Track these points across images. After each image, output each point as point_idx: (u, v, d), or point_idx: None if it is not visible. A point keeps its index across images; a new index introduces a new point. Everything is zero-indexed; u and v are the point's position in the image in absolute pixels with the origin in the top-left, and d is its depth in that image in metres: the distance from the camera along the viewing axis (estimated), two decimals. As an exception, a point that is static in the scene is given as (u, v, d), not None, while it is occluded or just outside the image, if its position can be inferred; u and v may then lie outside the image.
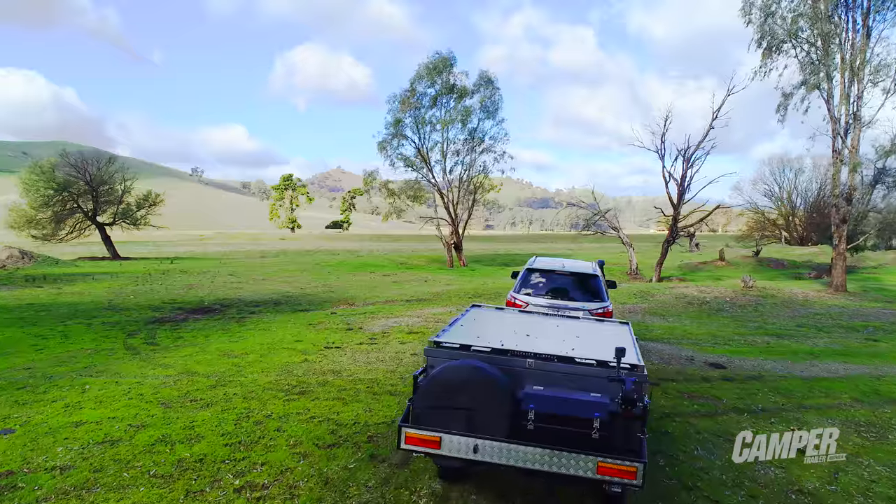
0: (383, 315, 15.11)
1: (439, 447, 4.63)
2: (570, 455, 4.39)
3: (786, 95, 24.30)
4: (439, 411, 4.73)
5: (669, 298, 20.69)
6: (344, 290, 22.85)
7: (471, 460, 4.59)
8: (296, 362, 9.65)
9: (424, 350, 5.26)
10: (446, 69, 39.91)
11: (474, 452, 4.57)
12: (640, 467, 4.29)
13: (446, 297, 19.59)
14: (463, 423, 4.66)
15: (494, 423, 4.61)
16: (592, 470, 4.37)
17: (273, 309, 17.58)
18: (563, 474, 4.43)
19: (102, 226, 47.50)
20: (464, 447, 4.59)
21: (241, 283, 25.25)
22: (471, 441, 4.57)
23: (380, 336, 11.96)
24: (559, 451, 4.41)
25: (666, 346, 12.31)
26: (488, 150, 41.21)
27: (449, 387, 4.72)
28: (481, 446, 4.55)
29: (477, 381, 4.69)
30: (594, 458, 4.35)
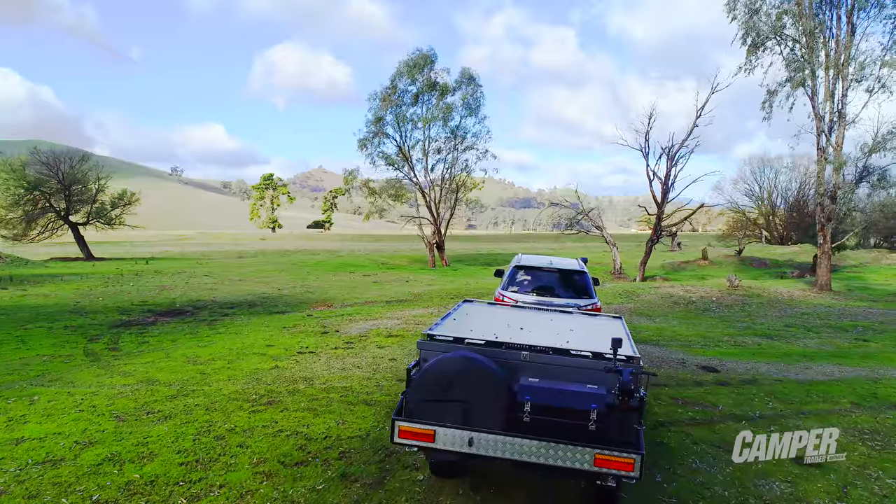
0: (362, 317, 14.51)
1: (433, 441, 4.54)
2: (567, 447, 4.34)
3: (770, 93, 24.07)
4: (433, 404, 4.62)
5: (655, 298, 20.32)
6: (322, 291, 22.20)
7: (466, 454, 4.51)
8: (266, 369, 9.04)
9: (417, 343, 5.16)
10: (427, 66, 39.36)
11: (469, 446, 4.48)
12: (637, 459, 4.25)
13: (427, 297, 19.04)
14: (458, 416, 4.56)
15: (490, 415, 4.52)
16: (589, 462, 4.32)
17: (247, 311, 16.91)
18: (560, 467, 4.36)
19: (76, 225, 46.27)
20: (458, 440, 4.50)
21: (217, 283, 24.49)
22: (465, 434, 4.48)
23: (357, 340, 11.37)
24: (556, 444, 4.35)
25: (655, 348, 11.87)
26: (471, 148, 40.74)
27: (443, 379, 4.62)
28: (476, 439, 4.47)
29: (471, 373, 4.61)
30: (591, 449, 4.30)
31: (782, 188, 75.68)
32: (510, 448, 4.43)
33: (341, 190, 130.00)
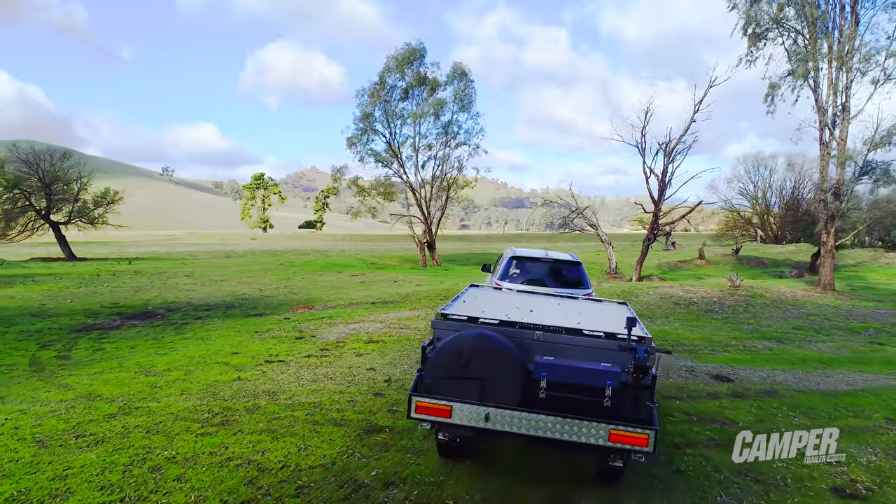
0: (343, 320, 13.48)
1: (450, 416, 4.60)
2: (583, 423, 4.41)
3: (773, 86, 23.18)
4: (450, 380, 4.71)
5: (654, 299, 19.38)
6: (306, 292, 21.16)
7: (482, 429, 4.57)
8: (226, 381, 8.00)
9: (432, 322, 5.22)
10: (417, 61, 38.34)
11: (486, 421, 4.55)
12: (651, 434, 4.33)
13: (415, 298, 18.02)
14: (474, 392, 4.65)
15: (505, 391, 4.60)
16: (604, 437, 4.39)
17: (223, 313, 15.87)
18: (575, 442, 4.43)
19: (57, 225, 44.98)
20: (475, 416, 4.56)
21: (197, 284, 23.39)
22: (482, 410, 4.55)
23: (333, 346, 10.33)
24: (571, 419, 4.42)
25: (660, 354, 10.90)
26: (463, 145, 39.72)
27: (459, 356, 4.70)
28: (493, 415, 4.54)
29: (488, 350, 4.68)
30: (606, 425, 4.38)
31: (777, 187, 75.24)
32: (526, 423, 4.49)
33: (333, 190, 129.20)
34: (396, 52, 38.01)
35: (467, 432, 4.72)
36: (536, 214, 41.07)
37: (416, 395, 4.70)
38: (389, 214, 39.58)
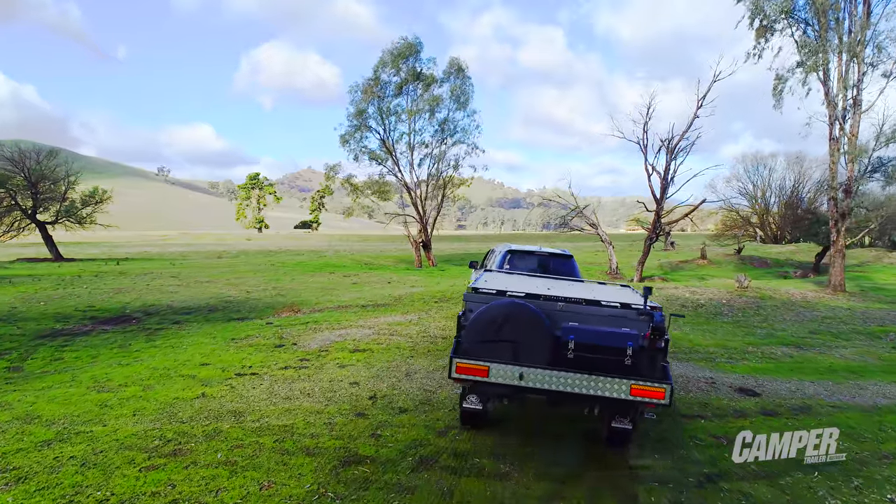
0: (329, 325, 12.51)
1: (487, 375, 5.10)
2: (607, 379, 4.94)
3: (780, 78, 22.27)
4: (486, 344, 5.20)
5: (660, 300, 18.44)
6: (295, 294, 20.18)
7: (516, 386, 5.10)
8: (188, 398, 7.02)
9: (464, 296, 5.68)
10: (412, 56, 37.30)
11: (520, 379, 5.07)
12: (668, 388, 4.90)
13: (409, 301, 17.06)
14: (508, 354, 5.17)
15: (537, 352, 5.14)
16: (626, 392, 4.92)
17: (203, 317, 14.89)
18: (601, 396, 4.98)
19: (43, 224, 43.87)
20: (510, 375, 5.08)
21: (181, 286, 22.39)
22: (517, 369, 5.08)
23: (314, 356, 9.35)
24: (597, 376, 4.97)
25: (676, 363, 9.96)
26: (459, 143, 38.69)
27: (494, 322, 5.21)
28: (526, 373, 5.07)
29: (520, 316, 5.20)
30: (628, 381, 4.92)
31: (776, 186, 74.49)
32: (556, 381, 5.03)
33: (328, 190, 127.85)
34: (392, 47, 37.00)
35: (502, 390, 5.23)
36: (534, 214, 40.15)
37: (457, 357, 5.17)
38: (384, 214, 38.54)
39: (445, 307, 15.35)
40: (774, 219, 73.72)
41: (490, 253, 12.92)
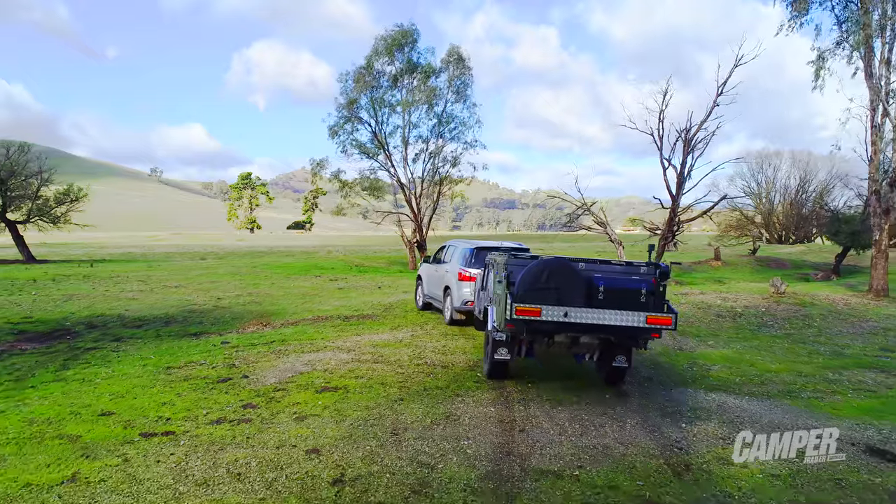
0: (298, 346, 9.96)
1: (540, 315, 6.62)
2: (629, 313, 6.70)
3: (820, 58, 19.86)
4: (535, 291, 6.75)
5: (690, 309, 16.00)
6: (272, 301, 17.66)
7: (563, 322, 6.64)
8: (45, 485, 4.45)
9: (505, 261, 7.24)
10: (408, 45, 34.76)
11: (565, 317, 6.62)
12: (673, 317, 6.86)
13: (401, 311, 14.54)
14: (553, 299, 6.72)
15: (576, 296, 6.76)
16: (643, 321, 6.70)
17: (153, 332, 12.38)
18: (624, 326, 6.68)
19: (14, 224, 41.14)
20: (558, 314, 6.63)
21: (145, 291, 19.84)
22: (562, 309, 6.65)
23: (266, 398, 6.77)
24: (622, 311, 6.70)
25: (747, 401, 7.51)
26: (457, 138, 36.06)
27: (541, 274, 6.81)
28: (570, 312, 6.63)
29: (562, 269, 6.85)
30: (644, 313, 6.74)
31: (781, 185, 72.34)
32: (592, 316, 6.64)
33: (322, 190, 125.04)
34: (385, 34, 34.43)
35: (551, 327, 6.74)
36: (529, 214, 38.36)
37: (516, 303, 6.62)
38: (375, 212, 35.94)
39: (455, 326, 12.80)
40: (779, 218, 71.57)
41: (445, 248, 14.04)
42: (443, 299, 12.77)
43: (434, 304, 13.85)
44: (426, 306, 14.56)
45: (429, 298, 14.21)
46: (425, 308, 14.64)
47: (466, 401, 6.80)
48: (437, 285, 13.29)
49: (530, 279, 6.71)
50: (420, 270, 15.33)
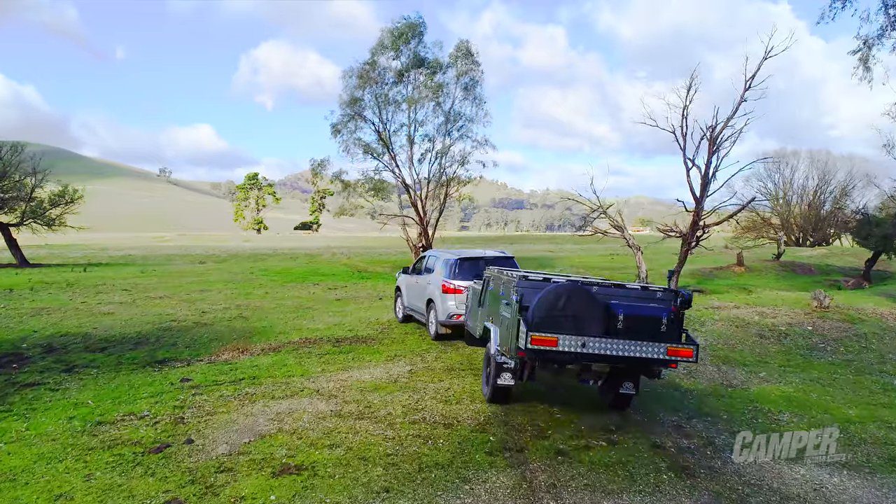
0: (270, 386, 8.20)
1: (557, 345, 6.14)
2: (649, 344, 6.25)
3: (866, 44, 17.96)
4: (552, 319, 6.34)
5: (726, 327, 14.19)
6: (260, 315, 15.99)
7: (580, 353, 6.18)
8: None
9: (517, 283, 6.70)
10: (415, 37, 32.98)
11: (582, 347, 6.16)
12: (695, 349, 6.40)
13: (399, 332, 12.80)
14: (570, 326, 6.30)
15: (595, 324, 6.33)
16: (664, 353, 6.27)
17: (115, 358, 10.77)
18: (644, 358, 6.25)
19: (7, 227, 39.74)
20: (575, 344, 6.16)
21: (125, 303, 18.21)
22: (580, 339, 6.17)
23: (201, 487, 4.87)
24: (642, 342, 6.25)
25: (848, 479, 5.70)
26: (465, 137, 34.20)
27: (558, 301, 6.38)
28: (588, 342, 6.18)
29: (579, 295, 6.42)
30: (665, 344, 6.29)
31: (798, 186, 70.12)
32: (611, 347, 6.19)
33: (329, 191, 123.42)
34: (391, 26, 32.67)
35: (568, 357, 6.24)
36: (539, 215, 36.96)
37: (532, 332, 6.14)
38: (378, 214, 34.16)
39: (452, 349, 11.05)
40: (797, 220, 69.36)
41: (426, 258, 13.46)
42: (426, 312, 12.27)
43: (415, 316, 13.23)
44: (406, 318, 13.81)
45: (409, 311, 13.57)
46: (406, 321, 13.82)
47: (476, 490, 4.94)
48: (419, 297, 12.75)
49: (546, 305, 6.34)
50: (398, 282, 14.59)
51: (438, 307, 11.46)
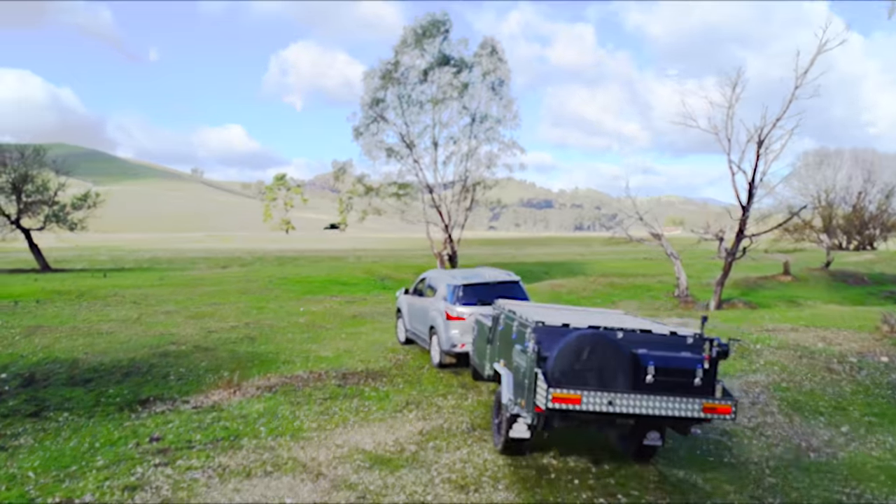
0: (250, 451, 6.78)
1: (580, 403, 5.47)
2: (683, 400, 5.54)
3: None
4: (573, 372, 5.72)
5: (788, 358, 12.46)
6: (268, 336, 14.74)
7: (606, 413, 5.50)
8: None
9: (534, 328, 5.98)
10: (440, 35, 31.57)
11: (609, 405, 5.47)
12: (733, 404, 5.66)
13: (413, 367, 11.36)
14: (594, 381, 5.68)
15: (621, 379, 5.69)
16: (699, 410, 5.56)
17: (94, 397, 9.59)
18: (677, 416, 5.56)
19: (28, 231, 39.44)
20: (601, 402, 5.47)
21: (128, 322, 17.13)
22: (606, 396, 5.49)
23: None
24: (675, 398, 5.53)
25: None
26: (492, 139, 32.65)
27: (581, 352, 5.75)
28: (615, 399, 5.48)
29: (604, 345, 5.78)
30: (701, 399, 5.59)
31: (841, 187, 66.99)
32: (640, 405, 5.48)
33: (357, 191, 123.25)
34: (415, 24, 31.29)
35: (592, 417, 5.70)
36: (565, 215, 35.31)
37: (553, 388, 5.47)
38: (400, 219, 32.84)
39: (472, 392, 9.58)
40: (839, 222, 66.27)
41: (425, 280, 12.86)
42: (428, 338, 11.77)
43: (417, 341, 12.72)
44: (409, 341, 13.19)
45: (411, 335, 13.05)
46: (408, 343, 13.18)
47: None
48: (421, 321, 12.29)
49: (568, 357, 5.76)
50: (399, 303, 14.04)
51: (441, 336, 10.93)
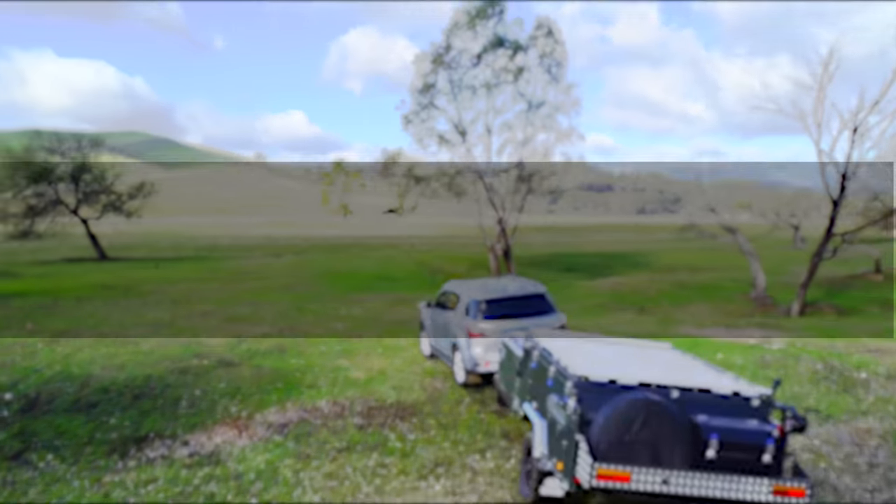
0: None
1: (629, 481, 4.65)
2: (749, 480, 4.62)
3: None
4: (622, 445, 4.82)
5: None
6: (301, 349, 13.56)
7: (659, 494, 4.65)
8: None
9: (575, 383, 5.22)
10: (495, 16, 29.65)
11: (663, 484, 4.64)
12: (808, 486, 4.64)
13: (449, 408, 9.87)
14: (646, 456, 4.83)
15: (678, 454, 4.80)
16: (768, 493, 4.64)
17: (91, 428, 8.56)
18: (741, 500, 4.61)
19: (86, 221, 40.07)
20: (654, 481, 4.64)
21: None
22: (660, 474, 4.65)
23: None
24: (738, 478, 4.62)
25: None
26: (549, 126, 30.66)
27: (630, 421, 4.85)
28: (670, 478, 4.64)
29: (660, 415, 4.85)
30: (770, 481, 4.65)
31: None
32: (699, 485, 4.60)
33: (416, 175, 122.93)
34: (469, 5, 29.47)
35: (643, 497, 4.74)
36: (626, 199, 33.35)
37: (598, 463, 4.66)
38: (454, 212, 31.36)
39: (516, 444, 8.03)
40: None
41: (446, 293, 12.16)
42: (451, 355, 11.29)
43: (441, 357, 12.26)
44: (433, 356, 12.76)
45: (434, 350, 12.61)
46: (432, 357, 12.72)
47: None
48: (443, 336, 11.85)
49: (617, 427, 4.79)
50: (421, 315, 13.49)
51: (464, 354, 10.47)
